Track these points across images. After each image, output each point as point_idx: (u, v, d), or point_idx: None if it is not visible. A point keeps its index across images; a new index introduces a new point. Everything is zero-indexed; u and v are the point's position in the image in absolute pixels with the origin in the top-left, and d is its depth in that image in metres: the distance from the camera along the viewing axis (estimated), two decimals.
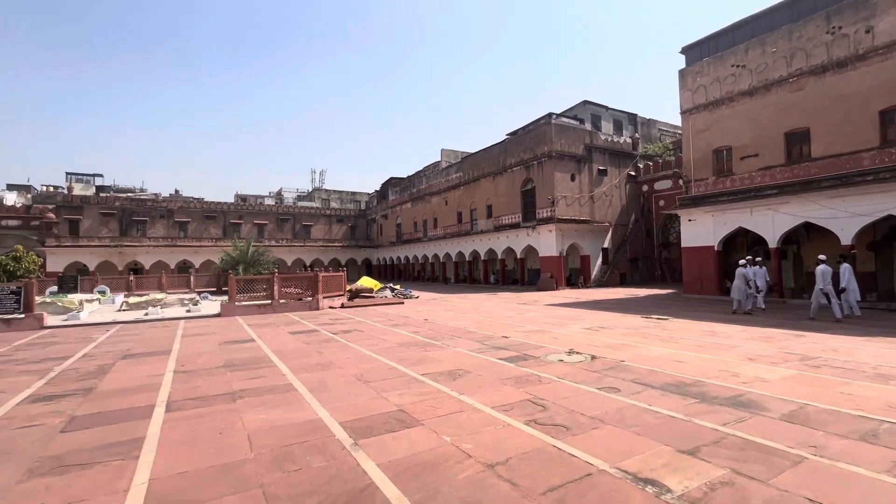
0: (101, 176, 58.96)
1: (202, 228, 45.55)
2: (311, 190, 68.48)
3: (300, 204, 58.82)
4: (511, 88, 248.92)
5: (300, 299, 16.99)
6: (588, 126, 30.12)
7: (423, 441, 3.99)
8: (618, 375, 6.17)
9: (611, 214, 29.28)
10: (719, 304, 15.56)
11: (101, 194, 48.00)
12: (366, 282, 22.64)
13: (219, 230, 46.05)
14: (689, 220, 19.76)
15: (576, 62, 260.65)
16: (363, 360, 7.61)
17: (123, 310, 17.44)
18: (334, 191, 65.26)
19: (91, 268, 38.02)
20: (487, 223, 32.54)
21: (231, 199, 58.83)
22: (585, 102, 31.71)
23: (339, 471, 3.44)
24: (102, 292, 21.15)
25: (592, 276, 28.08)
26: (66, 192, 45.90)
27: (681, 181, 22.80)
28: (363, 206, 59.65)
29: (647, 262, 30.39)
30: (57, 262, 37.32)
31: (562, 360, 7.20)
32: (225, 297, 17.86)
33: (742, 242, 19.42)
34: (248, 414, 4.88)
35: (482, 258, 33.81)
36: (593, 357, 7.39)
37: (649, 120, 36.28)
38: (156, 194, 54.27)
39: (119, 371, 7.25)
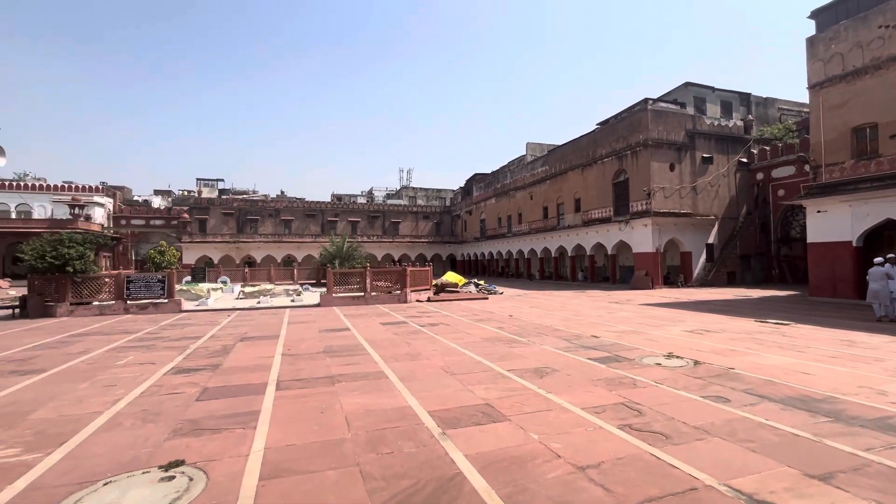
0: (222, 180, 67.33)
1: (303, 226, 49.88)
2: (399, 188, 71.48)
3: (389, 202, 61.69)
4: (601, 78, 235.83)
5: (389, 292, 17.85)
6: (690, 110, 27.45)
7: (509, 436, 3.97)
8: (726, 384, 5.57)
9: (717, 207, 26.43)
10: (856, 310, 13.27)
11: (223, 197, 54.82)
12: (451, 277, 23.08)
13: (318, 227, 50.08)
14: (819, 212, 17.10)
15: (676, 42, 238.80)
16: (449, 353, 7.77)
17: (240, 298, 19.78)
18: (420, 188, 67.36)
19: (215, 261, 43.66)
20: (575, 218, 31.28)
21: (328, 199, 63.57)
22: (687, 84, 28.94)
23: (428, 458, 3.55)
24: (224, 282, 24.20)
25: (694, 275, 25.63)
26: (196, 195, 53.22)
27: (807, 167, 19.84)
28: (448, 203, 60.81)
29: (761, 259, 26.95)
30: (190, 255, 43.43)
31: (659, 364, 6.68)
32: (323, 289, 19.38)
33: (891, 237, 16.34)
34: (345, 397, 5.25)
35: (569, 254, 32.61)
36: (696, 362, 6.75)
37: (766, 99, 32.07)
38: (265, 195, 60.51)
39: (239, 351, 8.24)
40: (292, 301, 17.96)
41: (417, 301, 18.00)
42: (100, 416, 4.66)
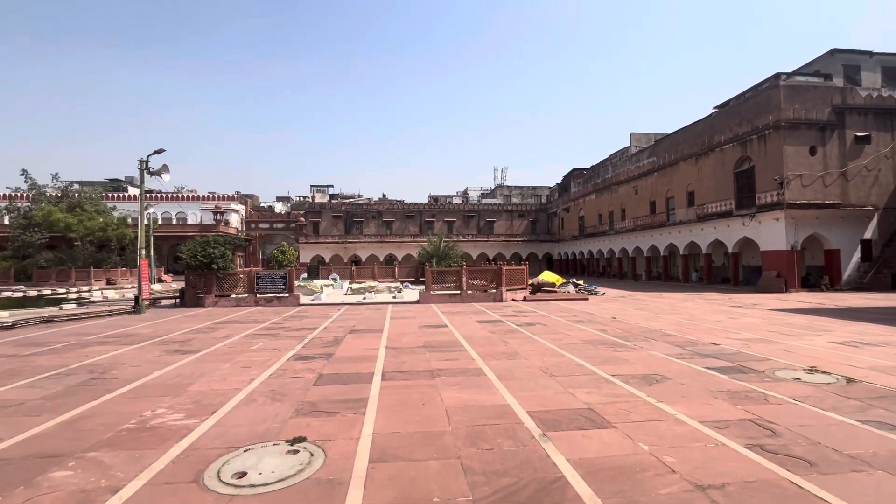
0: (331, 186, 73.76)
1: (403, 226, 52.45)
2: (493, 187, 71.54)
3: (484, 201, 62.06)
4: (720, 59, 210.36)
5: (485, 291, 17.96)
6: (838, 82, 23.20)
7: (615, 444, 3.75)
8: (893, 408, 4.62)
9: (876, 195, 21.98)
10: None
11: (332, 201, 60.02)
12: (547, 276, 22.47)
13: (416, 227, 52.29)
14: None
15: (816, 5, 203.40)
16: (548, 354, 7.58)
17: (348, 294, 21.45)
18: (515, 187, 66.65)
19: (326, 259, 47.96)
20: (688, 212, 28.37)
21: (425, 200, 66.02)
22: (834, 52, 24.48)
23: (528, 458, 3.51)
24: (334, 279, 26.46)
25: (844, 277, 21.62)
26: (310, 200, 59.03)
27: None
28: (544, 201, 59.31)
29: None
30: (305, 254, 48.28)
31: (798, 379, 5.77)
32: (422, 287, 20.19)
33: None
34: (444, 391, 5.41)
35: (681, 252, 29.70)
36: (849, 380, 5.70)
37: None
38: (369, 199, 64.82)
39: (348, 343, 8.95)
40: (394, 298, 19.00)
41: (513, 300, 17.85)
42: (239, 393, 5.41)
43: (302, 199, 72.26)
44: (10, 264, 37.71)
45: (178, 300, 17.51)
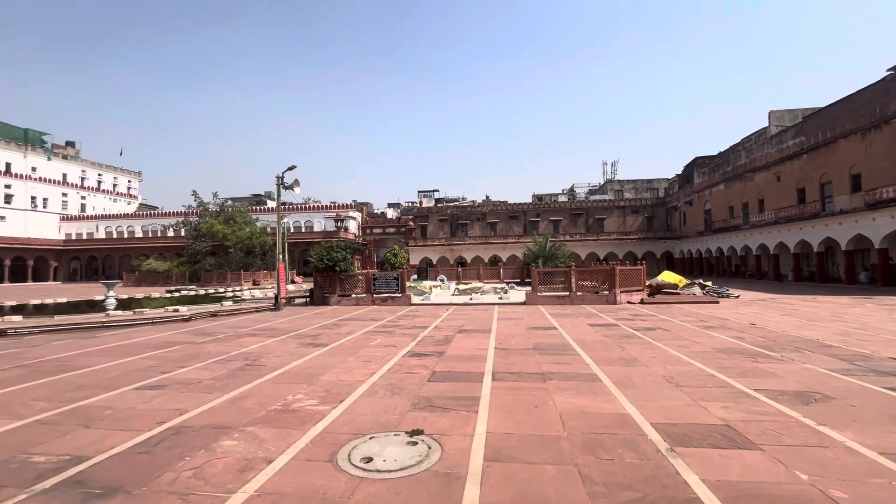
0: (437, 190, 76.42)
1: (507, 227, 52.26)
2: (602, 183, 67.56)
3: (592, 198, 58.88)
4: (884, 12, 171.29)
5: (596, 292, 17.02)
6: None
7: (763, 469, 3.27)
8: None
9: None
10: None
11: (438, 205, 62.26)
12: (668, 276, 20.47)
13: (520, 228, 51.72)
14: None
15: None
16: (672, 362, 6.91)
17: (455, 294, 22.02)
18: (628, 181, 62.09)
19: (434, 261, 49.89)
20: (852, 200, 23.56)
21: (528, 200, 64.91)
22: None
23: (654, 473, 3.24)
24: (442, 280, 27.40)
25: None
26: (418, 205, 62.00)
27: None
28: (661, 194, 54.24)
29: None
30: (415, 256, 50.80)
31: None
32: (528, 288, 19.88)
33: None
34: (557, 395, 5.25)
35: (842, 248, 24.77)
36: None
37: None
38: (473, 201, 65.86)
39: (457, 342, 9.19)
40: (500, 298, 19.02)
41: (628, 303, 16.62)
42: (362, 385, 5.89)
43: (410, 204, 76.26)
44: (185, 268, 46.13)
45: (308, 299, 19.72)
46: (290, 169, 17.59)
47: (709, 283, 20.74)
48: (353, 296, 18.58)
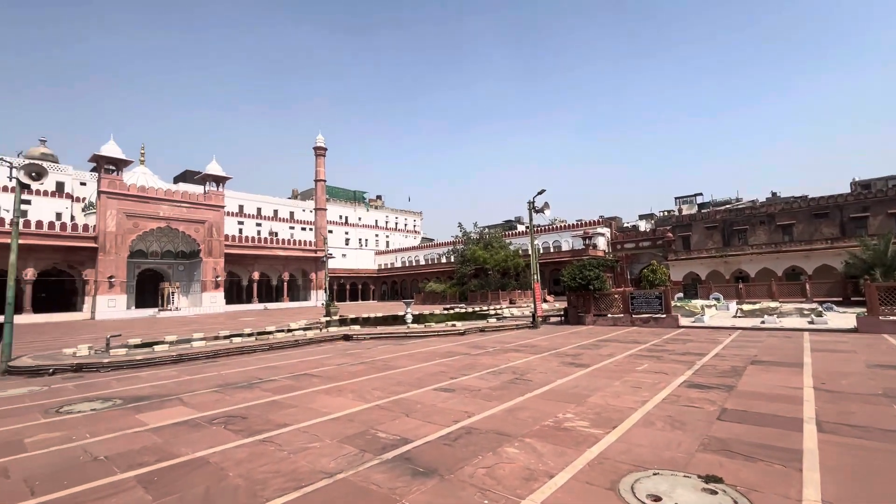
0: (700, 194, 65.94)
1: (810, 229, 39.98)
2: None
3: None
4: None
5: None
6: None
7: None
8: None
9: None
10: None
11: (703, 211, 53.36)
12: None
13: (833, 229, 38.70)
14: None
15: None
16: None
17: (738, 316, 18.11)
18: None
19: (702, 276, 42.66)
20: None
21: (846, 190, 48.10)
22: None
23: None
24: (717, 299, 23.06)
25: None
26: (676, 214, 54.75)
27: None
28: None
29: None
30: (677, 272, 44.69)
31: None
32: (860, 310, 14.52)
33: None
34: None
35: None
36: None
37: None
38: (752, 201, 53.62)
39: (751, 375, 7.46)
40: (810, 323, 14.55)
41: None
42: (634, 413, 5.46)
43: (666, 213, 68.17)
44: (456, 289, 54.21)
45: (562, 318, 19.94)
46: (540, 193, 18.49)
47: None
48: (609, 315, 17.71)
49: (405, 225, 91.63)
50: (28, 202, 48.99)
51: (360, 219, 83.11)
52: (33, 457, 4.63)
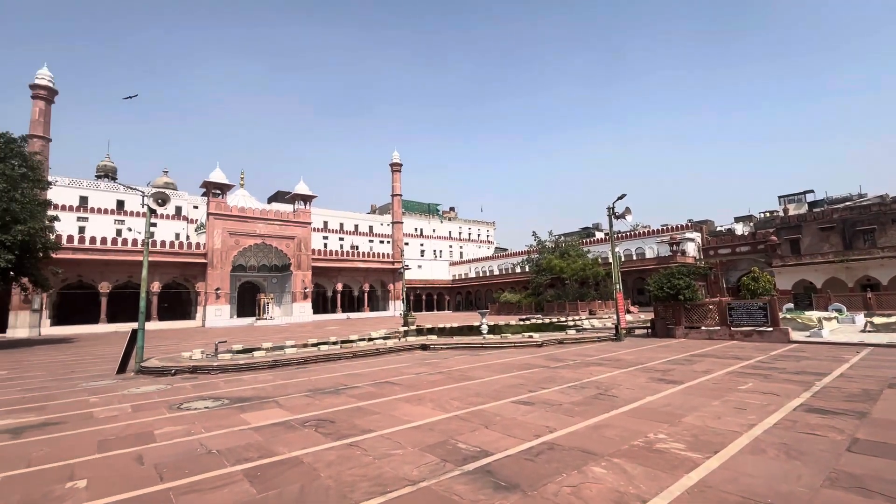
0: (811, 191, 58.30)
1: None
2: None
3: None
4: None
5: None
6: None
7: None
8: None
9: None
10: None
11: (815, 210, 47.03)
12: None
13: None
14: None
15: None
16: None
17: (868, 330, 15.60)
18: None
19: (817, 285, 37.46)
20: None
21: None
22: None
23: None
24: (839, 310, 20.07)
25: None
26: (781, 214, 48.82)
27: None
28: None
29: None
30: (784, 280, 39.70)
31: None
32: None
33: None
34: None
35: None
36: None
37: None
38: (881, 196, 46.19)
39: (890, 401, 6.36)
40: None
41: None
42: (739, 437, 4.91)
43: (768, 214, 61.15)
44: (531, 299, 52.98)
45: (649, 330, 18.59)
46: (621, 198, 17.56)
47: None
48: (704, 328, 16.18)
49: (478, 235, 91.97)
50: (154, 224, 56.99)
51: (434, 230, 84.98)
52: (161, 447, 5.31)
